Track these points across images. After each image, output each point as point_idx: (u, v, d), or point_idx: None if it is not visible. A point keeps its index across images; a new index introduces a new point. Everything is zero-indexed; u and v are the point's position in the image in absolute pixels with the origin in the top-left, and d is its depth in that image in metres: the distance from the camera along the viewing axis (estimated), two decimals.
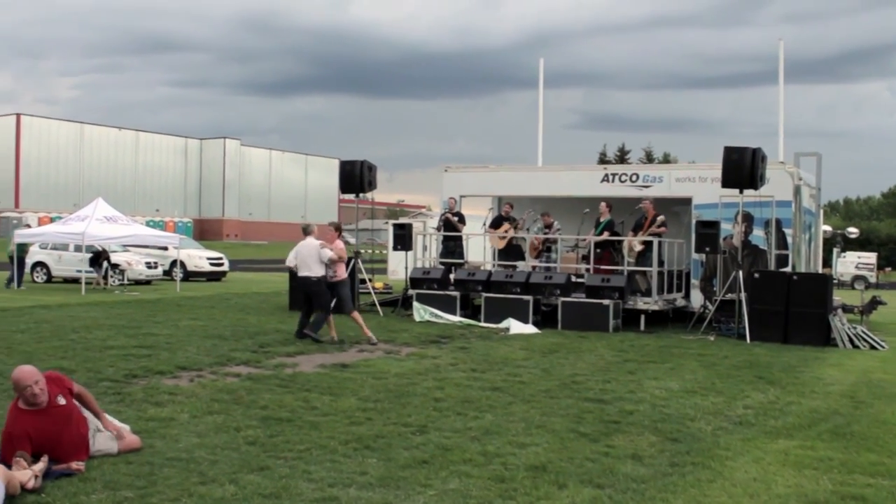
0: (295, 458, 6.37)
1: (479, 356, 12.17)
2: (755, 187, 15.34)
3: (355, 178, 18.94)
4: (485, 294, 16.95)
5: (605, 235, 17.75)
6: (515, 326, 15.80)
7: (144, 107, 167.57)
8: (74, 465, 5.98)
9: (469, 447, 6.81)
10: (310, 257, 13.78)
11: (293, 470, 6.05)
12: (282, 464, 6.21)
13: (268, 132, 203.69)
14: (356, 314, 14.17)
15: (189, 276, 30.31)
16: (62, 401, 6.27)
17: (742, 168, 15.19)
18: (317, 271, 13.75)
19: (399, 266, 23.57)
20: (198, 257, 31.35)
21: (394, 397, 8.91)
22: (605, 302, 15.82)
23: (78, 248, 25.83)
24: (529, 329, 15.72)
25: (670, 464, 6.55)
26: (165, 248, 30.16)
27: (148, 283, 27.84)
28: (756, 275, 15.28)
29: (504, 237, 18.63)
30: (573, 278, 17.04)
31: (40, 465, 5.76)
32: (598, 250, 17.98)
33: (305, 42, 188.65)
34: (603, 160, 77.71)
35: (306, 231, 14.29)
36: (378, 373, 10.44)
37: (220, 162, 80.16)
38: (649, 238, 16.67)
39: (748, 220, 17.00)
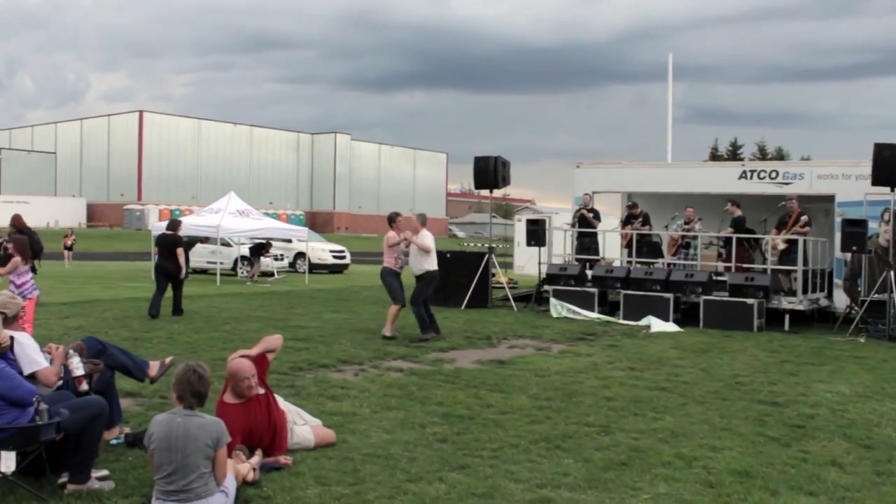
0: (491, 457, 6.43)
1: (633, 355, 12.06)
2: None
3: (489, 173, 19.00)
4: (623, 291, 16.78)
5: (730, 231, 17.37)
6: (656, 324, 15.60)
7: (253, 103, 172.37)
8: (283, 458, 6.16)
9: (662, 449, 6.76)
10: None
11: (494, 469, 6.11)
12: (480, 462, 6.28)
13: (371, 126, 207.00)
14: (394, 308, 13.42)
15: (312, 268, 30.95)
16: (261, 390, 6.47)
17: (895, 165, 14.61)
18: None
19: (526, 262, 23.57)
20: (321, 250, 32.01)
21: (564, 396, 8.91)
22: (749, 301, 15.45)
23: (205, 240, 26.83)
24: (671, 327, 15.48)
25: (875, 472, 6.35)
26: (289, 241, 30.87)
27: (272, 275, 28.59)
28: None
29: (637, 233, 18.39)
30: (713, 276, 16.68)
31: (256, 459, 5.96)
32: (726, 248, 17.62)
33: (407, 38, 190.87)
34: (714, 155, 76.05)
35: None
36: (539, 370, 10.46)
37: (330, 156, 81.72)
38: (793, 237, 16.21)
39: (894, 217, 16.34)
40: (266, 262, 28.18)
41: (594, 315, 16.81)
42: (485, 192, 20.05)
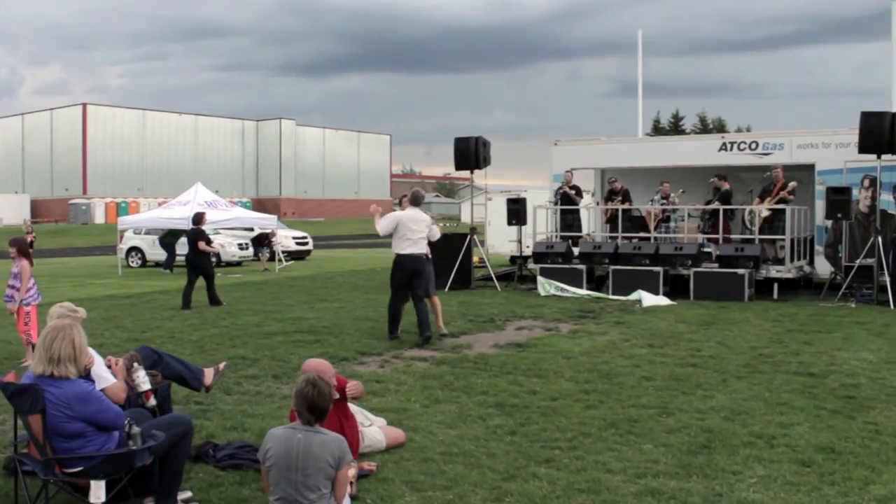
0: (570, 448, 6.29)
1: (644, 331, 12.04)
2: (894, 152, 14.97)
3: (470, 154, 18.80)
4: (612, 266, 16.78)
5: (717, 204, 17.50)
6: (647, 298, 15.63)
7: (190, 92, 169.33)
8: (366, 465, 5.91)
9: (733, 429, 6.70)
10: (422, 232, 11.55)
11: (581, 461, 5.97)
12: (563, 455, 6.13)
13: (309, 111, 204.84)
14: (436, 299, 12.23)
15: (274, 255, 30.47)
16: (336, 395, 6.22)
17: (881, 133, 14.82)
18: (426, 247, 11.74)
19: (498, 241, 23.47)
20: (283, 237, 31.45)
21: (602, 378, 8.82)
22: (740, 271, 15.59)
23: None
24: (663, 301, 15.53)
25: None
26: (251, 230, 30.32)
27: (239, 264, 28.07)
28: None
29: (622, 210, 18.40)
30: (702, 248, 16.77)
31: (353, 471, 5.62)
32: (710, 219, 17.75)
33: (342, 22, 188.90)
34: (657, 127, 76.89)
35: (417, 201, 11.88)
36: (563, 352, 10.35)
37: (276, 142, 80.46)
38: (778, 206, 16.37)
39: (875, 185, 16.61)
40: (231, 252, 27.66)
41: (583, 292, 16.80)
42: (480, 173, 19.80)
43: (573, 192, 18.79)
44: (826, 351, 10.34)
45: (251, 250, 29.85)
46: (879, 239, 15.08)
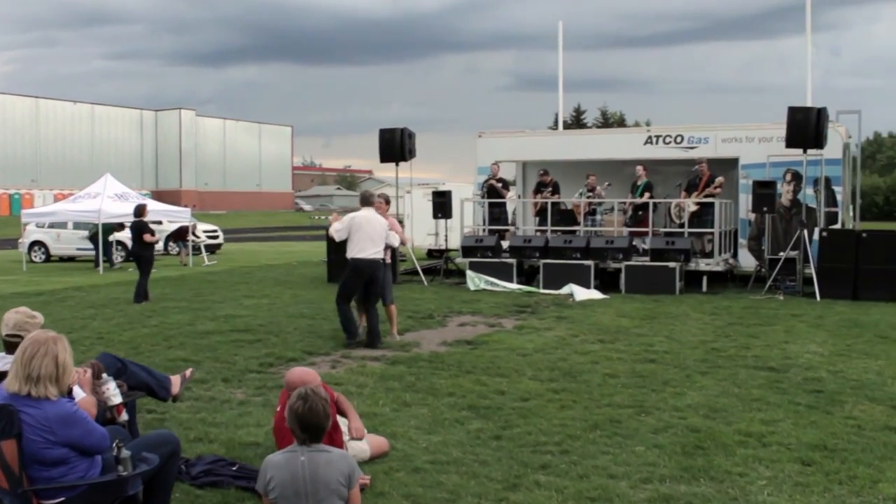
0: (562, 452, 6.05)
1: (590, 326, 11.94)
2: (820, 147, 15.33)
3: (395, 145, 18.43)
4: (543, 260, 16.70)
5: (647, 197, 17.63)
6: (579, 292, 15.59)
7: (81, 80, 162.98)
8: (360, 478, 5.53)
9: (719, 428, 6.58)
10: (378, 235, 10.78)
11: (580, 466, 5.73)
12: (557, 459, 5.89)
13: (205, 102, 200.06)
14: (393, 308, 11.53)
15: (197, 249, 29.46)
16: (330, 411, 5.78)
17: (807, 127, 15.15)
18: (381, 253, 10.90)
19: (417, 235, 23.21)
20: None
21: (566, 375, 8.64)
22: (672, 265, 15.71)
23: (77, 227, 25.06)
24: (596, 294, 15.52)
25: None
26: (160, 223, 29.19)
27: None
28: (824, 233, 15.31)
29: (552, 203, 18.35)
30: (634, 242, 16.84)
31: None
32: (640, 213, 17.88)
33: (239, 11, 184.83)
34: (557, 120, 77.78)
35: (368, 202, 11.15)
36: (515, 349, 10.13)
37: (175, 132, 77.91)
38: (707, 200, 16.58)
39: (797, 178, 17.02)
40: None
41: (514, 286, 16.67)
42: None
43: (500, 184, 18.62)
44: (774, 344, 10.43)
45: (161, 244, 28.80)
46: (805, 232, 15.41)
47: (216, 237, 31.10)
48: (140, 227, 15.68)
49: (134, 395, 5.47)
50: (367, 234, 10.65)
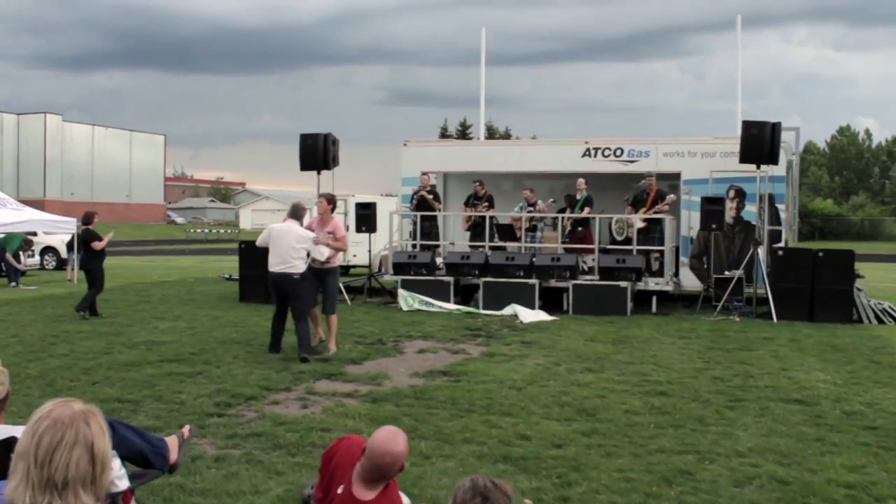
0: None
1: (565, 353, 10.87)
2: (775, 162, 14.88)
3: (318, 152, 16.95)
4: (483, 279, 15.60)
5: (587, 211, 16.84)
6: (524, 314, 14.56)
7: None
8: None
9: (811, 479, 5.59)
10: (291, 249, 10.42)
11: None
12: None
13: (67, 108, 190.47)
14: (333, 318, 11.02)
15: (63, 263, 26.96)
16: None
17: (762, 143, 14.66)
18: (299, 266, 10.53)
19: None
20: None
21: (582, 414, 7.53)
22: (623, 284, 14.88)
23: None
24: (541, 315, 14.52)
25: None
26: (34, 234, 26.67)
27: (23, 273, 24.38)
28: (780, 252, 14.81)
29: (479, 216, 17.27)
30: (580, 260, 15.92)
31: None
32: (580, 228, 17.07)
33: (104, 15, 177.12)
34: (444, 134, 77.34)
35: (296, 214, 10.82)
36: (503, 380, 8.94)
37: (39, 139, 72.74)
38: (655, 216, 15.88)
39: (740, 195, 16.58)
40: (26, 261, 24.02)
41: (451, 306, 15.50)
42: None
43: (431, 196, 17.40)
44: (775, 372, 9.67)
45: (37, 258, 26.37)
46: (760, 251, 14.89)
47: None
48: (89, 236, 14.69)
49: (148, 475, 3.99)
50: (277, 248, 10.52)
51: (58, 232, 25.80)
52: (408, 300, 15.73)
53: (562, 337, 12.25)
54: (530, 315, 14.50)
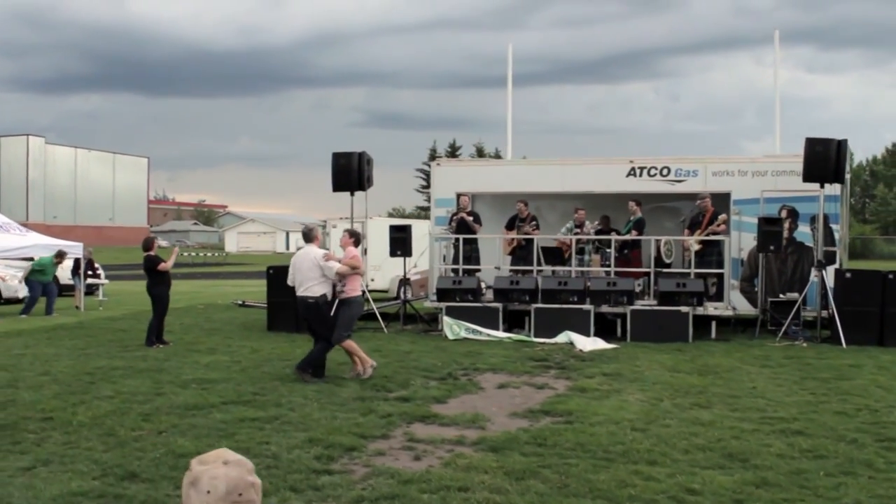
0: None
1: (660, 386, 10.06)
2: (840, 181, 14.23)
3: (352, 172, 16.08)
4: (534, 305, 14.78)
5: (634, 234, 16.13)
6: (581, 342, 13.75)
7: None
8: None
9: None
10: (308, 271, 10.57)
11: None
12: None
13: (43, 131, 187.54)
14: (350, 343, 10.71)
15: (63, 290, 25.79)
16: None
17: (827, 161, 14.01)
18: (315, 290, 10.55)
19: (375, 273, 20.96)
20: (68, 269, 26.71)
21: (730, 459, 6.76)
22: (684, 309, 14.12)
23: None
24: (600, 344, 13.72)
25: None
26: (31, 259, 25.52)
27: (21, 300, 23.27)
28: (848, 274, 14.12)
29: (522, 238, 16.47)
30: (636, 284, 15.14)
31: None
32: (626, 251, 16.33)
33: (80, 37, 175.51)
34: (433, 156, 76.67)
35: (308, 237, 11.07)
36: (615, 420, 8.09)
37: (22, 161, 71.20)
38: (712, 238, 15.17)
39: (793, 215, 15.90)
40: (14, 287, 22.94)
41: (501, 334, 14.68)
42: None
43: (471, 219, 16.57)
44: (893, 404, 8.94)
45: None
46: (824, 273, 14.21)
47: (98, 275, 27.56)
48: (151, 263, 14.18)
49: None
50: (297, 273, 10.74)
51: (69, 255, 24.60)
52: (453, 328, 14.88)
53: (640, 367, 11.46)
54: (588, 343, 13.69)
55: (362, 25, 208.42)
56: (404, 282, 17.14)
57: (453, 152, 73.55)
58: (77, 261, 22.63)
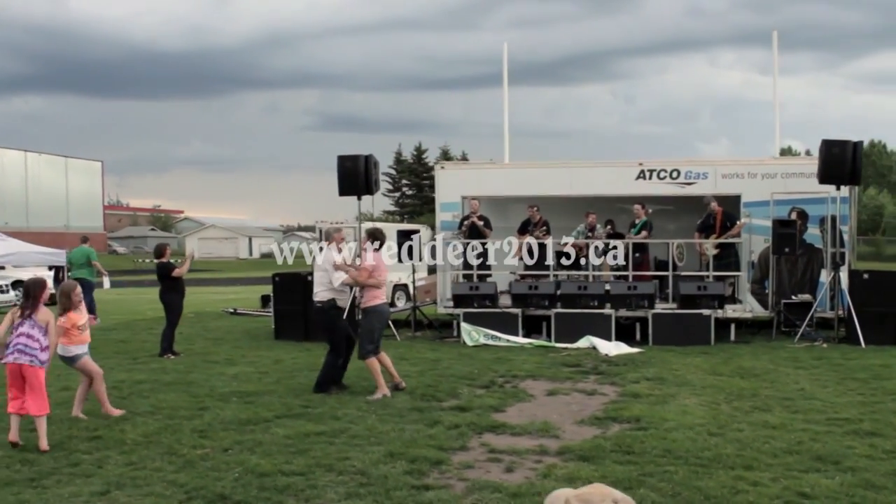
0: None
1: (708, 389, 10.02)
2: (857, 182, 14.36)
3: (359, 175, 15.77)
4: (554, 310, 14.67)
5: (644, 236, 16.13)
6: (605, 346, 13.66)
7: None
8: None
9: None
10: (318, 275, 10.21)
11: None
12: None
13: None
14: (371, 363, 10.00)
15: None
16: None
17: (843, 163, 14.09)
18: (323, 295, 10.06)
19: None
20: (47, 277, 26.01)
21: (823, 462, 6.73)
22: (706, 312, 14.12)
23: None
24: (624, 348, 13.64)
25: None
26: (2, 268, 24.93)
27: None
28: (865, 275, 14.25)
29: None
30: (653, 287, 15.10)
31: None
32: (637, 255, 16.31)
33: (19, 37, 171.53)
34: (399, 160, 76.44)
35: (327, 237, 10.42)
36: (689, 426, 7.99)
37: None
38: (732, 240, 15.24)
39: (803, 217, 16.00)
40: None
41: (521, 340, 14.55)
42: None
43: (482, 223, 16.41)
44: None
45: (11, 294, 24.63)
46: (841, 274, 14.32)
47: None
48: (164, 270, 13.81)
49: None
50: (314, 275, 10.65)
51: (27, 265, 23.92)
52: (472, 335, 14.71)
53: (679, 371, 11.41)
54: (612, 348, 13.60)
55: (313, 26, 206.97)
56: (415, 288, 16.91)
57: (419, 155, 73.30)
58: (58, 269, 22.02)
